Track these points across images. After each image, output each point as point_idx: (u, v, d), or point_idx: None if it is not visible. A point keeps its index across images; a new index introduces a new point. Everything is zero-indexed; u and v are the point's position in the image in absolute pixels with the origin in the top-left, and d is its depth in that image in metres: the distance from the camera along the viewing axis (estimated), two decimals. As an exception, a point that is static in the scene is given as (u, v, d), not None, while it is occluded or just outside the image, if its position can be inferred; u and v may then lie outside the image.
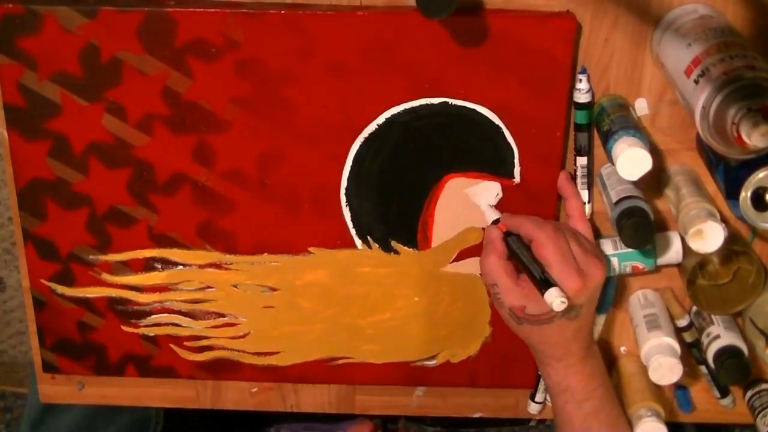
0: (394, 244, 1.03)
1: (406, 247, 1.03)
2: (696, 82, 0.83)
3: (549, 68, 0.94)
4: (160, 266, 1.04)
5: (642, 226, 0.93)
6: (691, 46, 0.87)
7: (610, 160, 0.92)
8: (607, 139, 0.93)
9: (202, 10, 0.93)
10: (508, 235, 0.96)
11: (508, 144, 0.98)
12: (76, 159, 0.99)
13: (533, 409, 1.13)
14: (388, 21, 0.93)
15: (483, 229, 1.01)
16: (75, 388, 1.14)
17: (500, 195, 1.00)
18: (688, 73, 0.85)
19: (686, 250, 1.00)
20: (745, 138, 0.78)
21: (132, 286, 1.05)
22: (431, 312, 1.06)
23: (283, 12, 0.93)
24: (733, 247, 0.99)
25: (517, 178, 0.99)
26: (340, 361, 1.09)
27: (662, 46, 0.93)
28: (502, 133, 0.97)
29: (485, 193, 1.00)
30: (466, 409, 1.16)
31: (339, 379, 1.11)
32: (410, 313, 1.06)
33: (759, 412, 1.08)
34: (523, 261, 0.93)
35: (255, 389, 1.15)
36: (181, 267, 1.04)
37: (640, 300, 1.07)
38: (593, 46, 0.96)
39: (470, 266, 1.04)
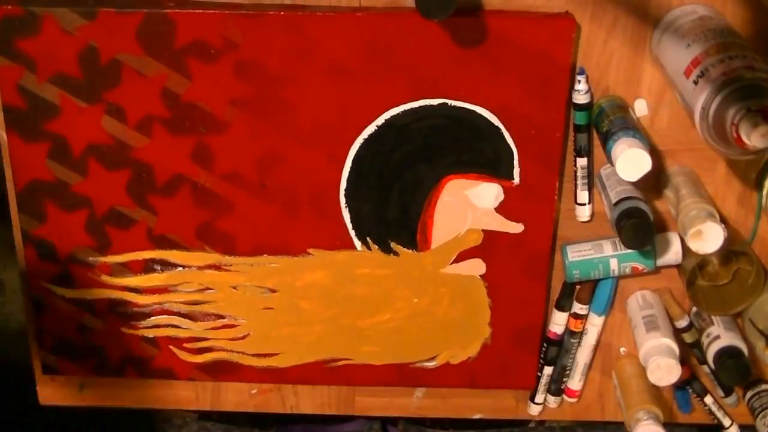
0: (393, 245, 1.03)
1: (405, 249, 1.03)
2: (695, 82, 0.83)
3: (548, 69, 0.94)
4: (159, 268, 1.04)
5: (641, 227, 0.93)
6: (691, 46, 0.87)
7: (610, 161, 0.92)
8: (606, 140, 0.93)
9: (201, 11, 0.93)
10: None
11: (508, 145, 0.98)
12: (76, 160, 0.99)
13: (533, 410, 1.13)
14: (387, 22, 0.93)
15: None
16: (75, 389, 1.14)
17: (501, 197, 1.00)
18: (687, 73, 0.85)
19: (686, 250, 1.00)
20: (744, 138, 0.78)
21: (131, 287, 1.05)
22: (431, 313, 1.06)
23: (282, 13, 0.93)
24: (733, 248, 0.99)
25: (516, 179, 0.99)
26: (340, 363, 1.09)
27: (661, 47, 0.93)
28: (502, 134, 0.97)
29: (485, 194, 1.00)
30: (466, 410, 1.16)
31: (338, 381, 1.11)
32: (410, 314, 1.06)
33: (759, 413, 1.08)
34: None
35: (254, 391, 1.15)
36: (180, 268, 1.04)
37: (639, 301, 1.07)
38: (592, 47, 0.96)
39: (470, 267, 1.04)
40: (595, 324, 1.07)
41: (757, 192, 1.00)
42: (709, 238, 0.91)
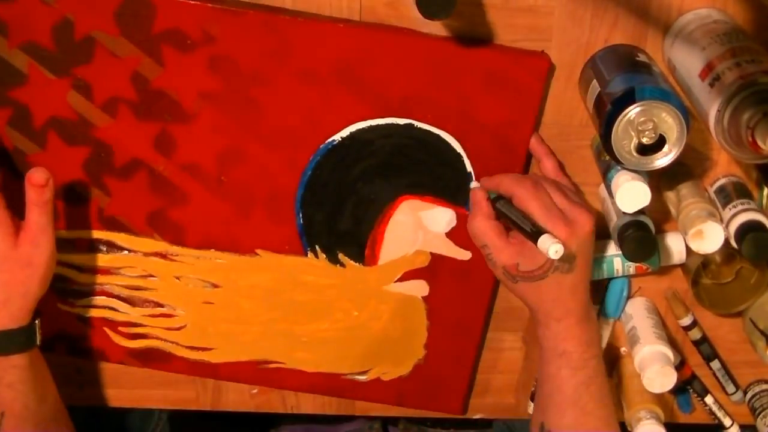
0: (341, 256, 1.03)
1: (352, 261, 1.03)
2: (711, 86, 0.84)
3: (517, 104, 0.95)
4: (105, 249, 1.03)
5: (644, 240, 0.93)
6: (706, 50, 0.87)
7: (609, 191, 0.93)
8: (607, 170, 0.94)
9: (183, 0, 0.92)
10: (493, 198, 0.95)
11: (467, 173, 0.99)
12: (36, 131, 0.97)
13: (533, 409, 1.13)
14: (366, 37, 0.93)
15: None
16: (75, 389, 1.13)
17: (453, 223, 1.01)
18: (702, 77, 0.85)
19: (689, 249, 0.99)
20: (759, 143, 0.79)
21: (74, 264, 1.04)
22: (368, 328, 1.07)
23: (263, 14, 0.93)
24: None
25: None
26: (272, 365, 1.09)
27: (675, 50, 0.92)
28: (463, 161, 0.98)
29: (438, 218, 1.01)
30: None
31: (268, 383, 1.11)
32: (347, 326, 1.07)
33: (759, 413, 1.11)
34: (512, 218, 0.91)
35: (255, 390, 1.14)
36: (126, 252, 1.03)
37: (633, 308, 1.08)
38: (593, 47, 0.96)
39: (413, 288, 1.05)
40: (605, 326, 1.08)
41: (758, 192, 1.01)
42: (710, 238, 0.92)
